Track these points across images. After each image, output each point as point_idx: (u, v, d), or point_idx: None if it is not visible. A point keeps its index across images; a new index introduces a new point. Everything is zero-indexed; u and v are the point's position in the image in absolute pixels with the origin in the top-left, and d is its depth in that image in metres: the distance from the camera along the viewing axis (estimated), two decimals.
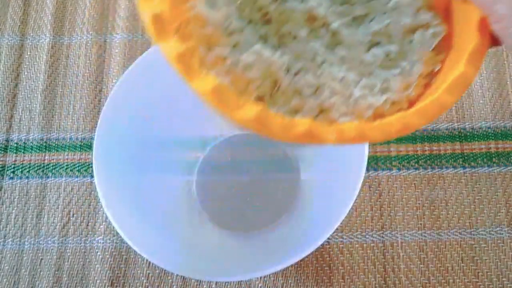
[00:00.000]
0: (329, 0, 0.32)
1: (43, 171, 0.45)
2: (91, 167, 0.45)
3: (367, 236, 0.42)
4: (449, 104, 0.27)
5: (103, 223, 0.44)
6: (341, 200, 0.36)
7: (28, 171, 0.45)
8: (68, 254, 0.42)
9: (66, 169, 0.45)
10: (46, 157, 0.46)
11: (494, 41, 0.27)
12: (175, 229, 0.41)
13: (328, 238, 0.43)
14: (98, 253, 0.42)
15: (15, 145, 0.46)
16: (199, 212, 0.45)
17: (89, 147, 0.46)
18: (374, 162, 0.45)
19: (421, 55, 0.31)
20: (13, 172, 0.45)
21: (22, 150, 0.46)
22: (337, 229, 0.39)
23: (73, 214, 0.44)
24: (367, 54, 0.31)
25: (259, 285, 0.42)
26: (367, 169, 0.45)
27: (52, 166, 0.45)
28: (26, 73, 0.49)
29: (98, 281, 0.41)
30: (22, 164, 0.46)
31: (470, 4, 0.27)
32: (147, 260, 0.42)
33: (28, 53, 0.50)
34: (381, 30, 0.31)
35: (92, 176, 0.45)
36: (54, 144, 0.46)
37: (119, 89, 0.39)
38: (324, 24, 0.31)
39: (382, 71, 0.31)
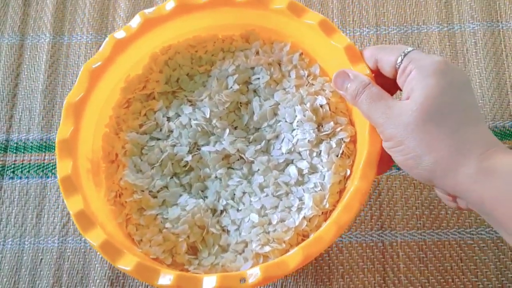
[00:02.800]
0: (240, 136, 0.36)
1: (43, 171, 0.45)
2: None
3: (366, 236, 0.42)
4: (347, 223, 0.29)
5: None
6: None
7: (28, 171, 0.45)
8: (68, 253, 0.43)
9: None
10: (46, 157, 0.46)
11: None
12: None
13: None
14: (98, 253, 0.42)
15: (15, 145, 0.46)
16: None
17: None
18: None
19: (330, 165, 0.33)
20: (13, 172, 0.46)
21: (22, 150, 0.46)
22: None
23: None
24: (281, 176, 0.34)
25: None
26: None
27: (52, 166, 0.46)
28: (26, 73, 0.49)
29: (98, 281, 0.42)
30: (22, 164, 0.46)
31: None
32: None
33: (28, 53, 0.50)
34: (291, 149, 0.34)
35: None
36: (54, 144, 0.46)
37: None
38: (240, 157, 0.35)
39: (297, 189, 0.34)
